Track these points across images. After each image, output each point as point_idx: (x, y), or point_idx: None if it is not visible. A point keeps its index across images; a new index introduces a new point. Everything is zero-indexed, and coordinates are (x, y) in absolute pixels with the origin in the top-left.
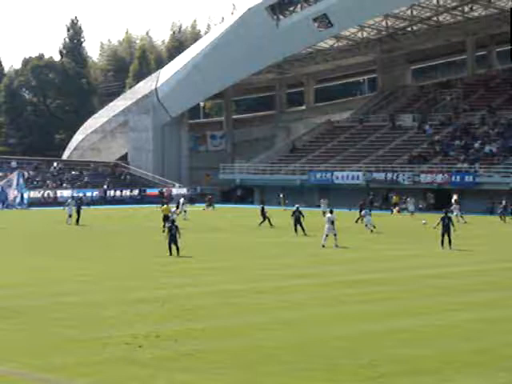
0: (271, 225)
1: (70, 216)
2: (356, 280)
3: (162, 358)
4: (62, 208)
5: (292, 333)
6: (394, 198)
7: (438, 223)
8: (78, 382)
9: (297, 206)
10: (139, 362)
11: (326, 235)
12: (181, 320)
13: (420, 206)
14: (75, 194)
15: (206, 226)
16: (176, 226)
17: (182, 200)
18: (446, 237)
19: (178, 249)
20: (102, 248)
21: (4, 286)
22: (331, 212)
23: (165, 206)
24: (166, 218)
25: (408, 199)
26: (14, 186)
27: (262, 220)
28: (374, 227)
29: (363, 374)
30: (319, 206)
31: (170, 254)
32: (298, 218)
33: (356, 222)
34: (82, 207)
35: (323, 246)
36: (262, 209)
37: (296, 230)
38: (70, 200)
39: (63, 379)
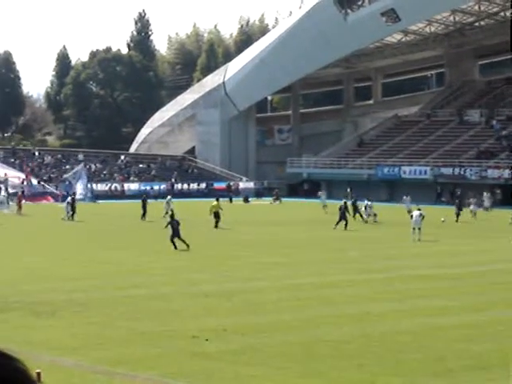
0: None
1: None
2: (422, 275)
3: (228, 352)
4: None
5: (358, 327)
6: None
7: None
8: (145, 374)
9: (344, 200)
10: (206, 355)
11: (413, 228)
12: (247, 314)
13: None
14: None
15: (271, 220)
16: (177, 221)
17: (168, 197)
18: None
19: (184, 242)
20: (167, 240)
21: (73, 278)
22: (419, 209)
23: (215, 202)
24: (216, 216)
25: (484, 194)
26: (80, 179)
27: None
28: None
29: (430, 368)
30: (401, 203)
31: (175, 247)
32: (343, 213)
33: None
34: (148, 201)
35: (416, 241)
36: (345, 205)
37: (337, 223)
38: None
39: (130, 372)
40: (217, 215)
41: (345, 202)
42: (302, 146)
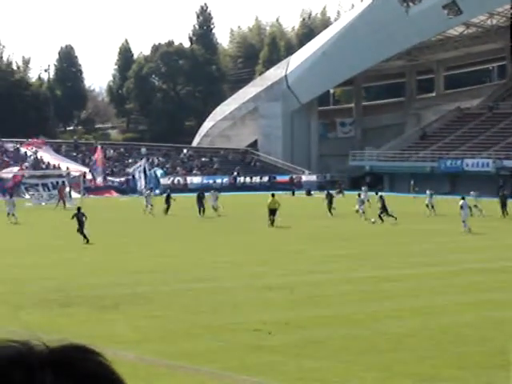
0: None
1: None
2: (485, 268)
3: (290, 345)
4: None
5: (420, 320)
6: None
7: None
8: (208, 367)
9: (380, 194)
10: (268, 348)
11: (463, 221)
12: (310, 307)
13: None
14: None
15: (333, 213)
16: (83, 214)
17: (147, 192)
18: None
19: (85, 237)
20: (230, 234)
21: (136, 272)
22: (463, 198)
23: (271, 198)
24: (272, 213)
25: None
26: (143, 173)
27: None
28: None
29: (492, 361)
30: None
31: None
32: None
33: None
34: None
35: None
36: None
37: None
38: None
39: (192, 365)
40: (273, 212)
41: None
42: (365, 138)
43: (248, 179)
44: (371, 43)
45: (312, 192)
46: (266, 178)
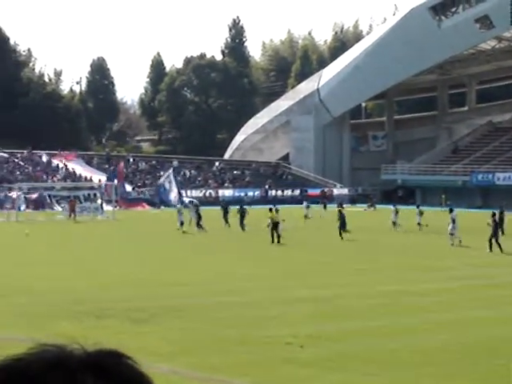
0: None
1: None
2: None
3: (322, 358)
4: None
5: (449, 334)
6: None
7: None
8: (240, 381)
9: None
10: (300, 362)
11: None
12: (339, 320)
13: None
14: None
15: (364, 226)
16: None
17: (179, 205)
18: None
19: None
20: (258, 247)
21: (168, 284)
22: (501, 213)
23: (272, 212)
24: (275, 227)
25: None
26: (173, 184)
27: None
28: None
29: None
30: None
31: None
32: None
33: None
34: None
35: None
36: (501, 214)
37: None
38: (190, 205)
39: (225, 378)
40: (275, 226)
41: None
42: (397, 152)
43: (279, 192)
44: (403, 57)
45: (344, 205)
46: (297, 191)
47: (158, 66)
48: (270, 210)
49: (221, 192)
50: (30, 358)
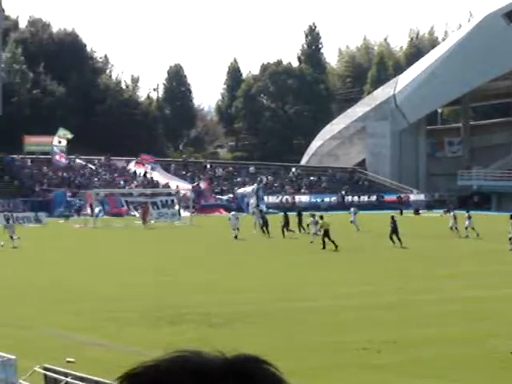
0: None
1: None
2: None
3: (399, 364)
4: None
5: None
6: None
7: None
8: None
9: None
10: (376, 367)
11: None
12: (417, 326)
13: None
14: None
15: (441, 233)
16: None
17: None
18: None
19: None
20: (333, 253)
21: (243, 290)
22: None
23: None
24: (326, 234)
25: None
26: (253, 196)
27: None
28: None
29: None
30: None
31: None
32: None
33: None
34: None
35: None
36: None
37: None
38: (255, 209)
39: (298, 382)
40: (327, 233)
41: None
42: (473, 158)
43: (356, 198)
44: (479, 63)
45: (420, 211)
46: (373, 197)
47: (234, 73)
48: (322, 217)
49: (297, 198)
50: (167, 365)
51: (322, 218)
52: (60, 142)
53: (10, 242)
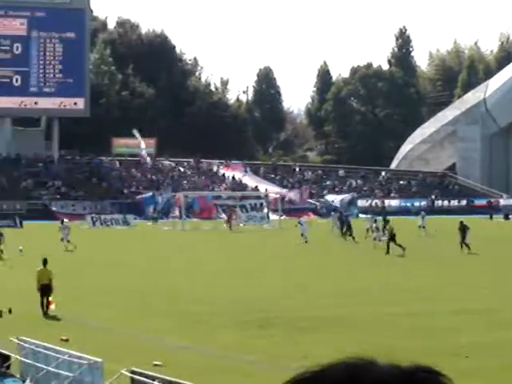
0: None
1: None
2: None
3: (489, 369)
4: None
5: None
6: None
7: None
8: None
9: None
10: (463, 372)
11: None
12: (505, 330)
13: None
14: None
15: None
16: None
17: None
18: None
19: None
20: (420, 258)
21: (331, 295)
22: None
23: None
24: (392, 238)
25: None
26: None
27: None
28: None
29: None
30: None
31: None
32: None
33: None
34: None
35: None
36: None
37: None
38: (333, 213)
39: None
40: (393, 237)
41: None
42: None
43: (446, 202)
44: None
45: (510, 216)
46: (463, 202)
47: (324, 76)
48: (388, 221)
49: (387, 202)
50: (333, 373)
51: (387, 221)
52: (145, 144)
53: (63, 245)
